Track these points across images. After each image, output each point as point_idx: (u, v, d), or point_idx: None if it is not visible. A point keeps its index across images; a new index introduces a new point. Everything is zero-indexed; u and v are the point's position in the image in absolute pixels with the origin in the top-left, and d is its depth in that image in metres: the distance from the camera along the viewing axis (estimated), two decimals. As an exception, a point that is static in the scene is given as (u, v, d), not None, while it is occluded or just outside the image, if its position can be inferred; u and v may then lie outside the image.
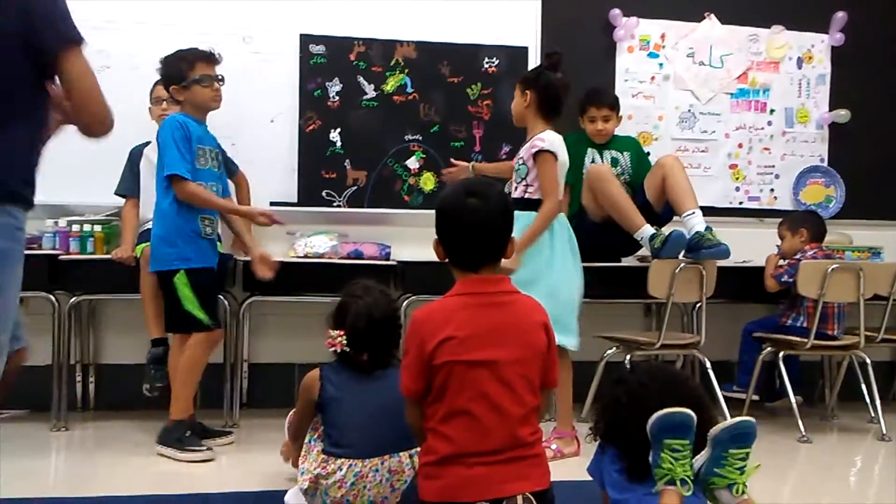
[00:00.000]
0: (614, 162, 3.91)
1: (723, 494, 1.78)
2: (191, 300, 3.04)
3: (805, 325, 3.71)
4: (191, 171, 3.06)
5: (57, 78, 1.65)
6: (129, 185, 3.63)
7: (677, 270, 3.45)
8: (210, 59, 3.23)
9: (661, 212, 3.68)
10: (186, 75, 3.12)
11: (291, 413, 2.66)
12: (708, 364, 3.59)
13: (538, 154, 3.07)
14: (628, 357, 3.56)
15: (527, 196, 3.11)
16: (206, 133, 3.21)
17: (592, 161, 3.89)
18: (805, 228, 3.86)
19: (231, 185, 3.49)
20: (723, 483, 1.78)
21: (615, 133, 3.97)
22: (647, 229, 3.51)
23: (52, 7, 1.62)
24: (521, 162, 3.16)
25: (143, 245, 3.38)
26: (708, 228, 3.47)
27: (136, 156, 3.62)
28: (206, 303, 3.10)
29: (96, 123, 1.70)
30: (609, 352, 3.68)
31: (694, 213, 3.50)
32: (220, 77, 3.21)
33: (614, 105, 3.90)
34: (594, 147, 3.91)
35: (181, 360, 3.10)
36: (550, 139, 3.09)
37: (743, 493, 1.77)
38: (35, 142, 1.68)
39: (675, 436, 1.76)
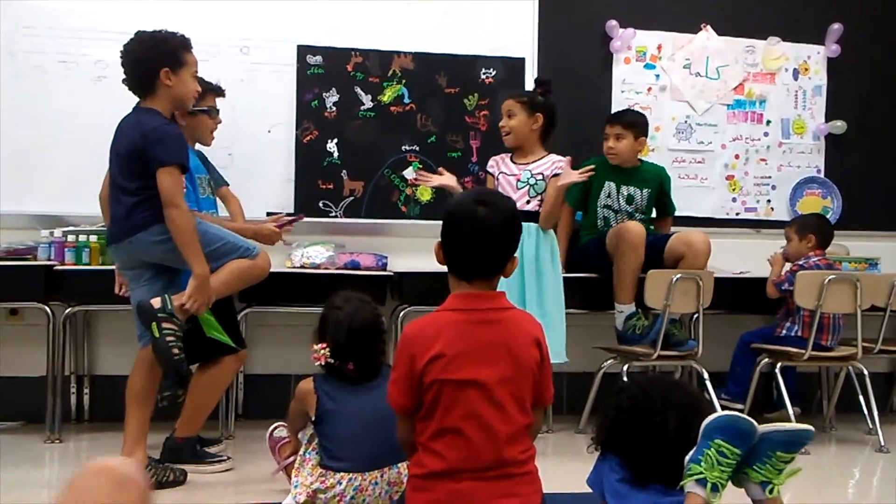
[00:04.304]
0: (629, 199, 3.77)
1: (754, 489, 1.74)
2: (212, 324, 2.90)
3: (800, 334, 3.69)
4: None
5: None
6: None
7: (674, 281, 3.44)
8: (220, 92, 3.27)
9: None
10: (197, 102, 3.01)
11: (271, 430, 2.65)
12: (706, 374, 3.59)
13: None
14: (625, 367, 3.57)
15: (539, 209, 3.36)
16: (197, 161, 3.19)
17: (608, 195, 3.77)
18: (813, 234, 3.84)
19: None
20: (758, 478, 1.74)
21: (643, 160, 3.90)
22: (630, 309, 3.52)
23: (156, 141, 2.67)
24: (539, 178, 3.36)
25: None
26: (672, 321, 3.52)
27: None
28: (228, 324, 3.01)
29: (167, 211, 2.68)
30: (607, 363, 3.68)
31: None
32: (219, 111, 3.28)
33: (629, 124, 3.75)
34: (612, 180, 3.76)
35: (202, 379, 2.99)
36: None
37: (774, 493, 1.75)
38: (155, 206, 2.69)
39: (732, 441, 1.71)
